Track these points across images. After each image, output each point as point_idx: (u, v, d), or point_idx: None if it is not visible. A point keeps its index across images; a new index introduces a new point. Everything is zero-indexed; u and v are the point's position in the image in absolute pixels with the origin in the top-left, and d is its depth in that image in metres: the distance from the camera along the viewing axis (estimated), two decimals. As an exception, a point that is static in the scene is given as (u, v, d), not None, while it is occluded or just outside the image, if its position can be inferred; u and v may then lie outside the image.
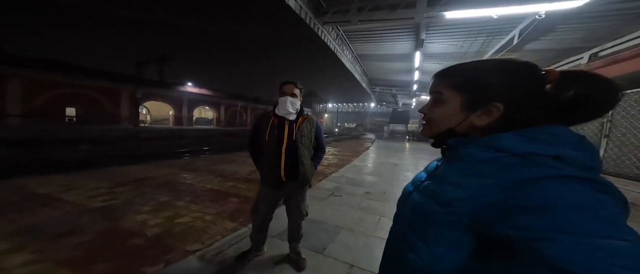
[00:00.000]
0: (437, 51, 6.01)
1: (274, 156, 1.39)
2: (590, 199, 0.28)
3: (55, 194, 2.95)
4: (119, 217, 2.34)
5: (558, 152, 0.34)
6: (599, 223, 0.26)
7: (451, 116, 0.43)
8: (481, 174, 0.36)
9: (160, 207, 2.67)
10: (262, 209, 1.53)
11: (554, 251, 0.25)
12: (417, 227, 0.42)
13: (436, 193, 0.41)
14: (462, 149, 0.41)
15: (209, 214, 2.51)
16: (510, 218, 0.30)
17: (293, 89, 1.40)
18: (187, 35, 25.74)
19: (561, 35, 4.37)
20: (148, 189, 3.32)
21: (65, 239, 1.88)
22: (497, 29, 4.50)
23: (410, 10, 3.22)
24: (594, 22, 3.73)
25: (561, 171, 0.31)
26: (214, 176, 4.32)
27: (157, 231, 2.08)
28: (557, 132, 0.36)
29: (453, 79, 0.43)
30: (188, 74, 18.96)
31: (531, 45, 4.98)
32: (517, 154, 0.35)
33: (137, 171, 4.47)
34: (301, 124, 1.43)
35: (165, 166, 5.13)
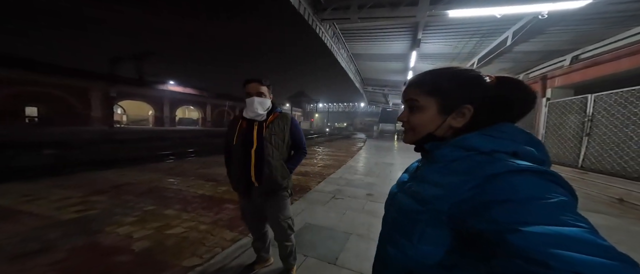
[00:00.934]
0: (432, 51, 6.16)
1: (242, 159, 1.27)
2: (545, 190, 0.32)
3: (15, 205, 2.60)
4: (97, 230, 2.08)
5: (515, 148, 0.40)
6: (555, 211, 0.29)
7: (431, 120, 0.47)
8: (454, 172, 0.41)
9: (147, 217, 2.43)
10: (248, 217, 1.45)
11: (521, 241, 0.27)
12: (403, 226, 0.46)
13: (417, 193, 0.45)
14: (436, 151, 0.46)
15: (204, 224, 2.32)
16: (481, 212, 0.33)
17: (258, 88, 1.27)
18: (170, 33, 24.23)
19: (549, 37, 4.63)
20: (129, 197, 3.04)
21: (33, 259, 1.62)
22: (492, 30, 4.68)
23: (412, 8, 3.23)
24: (581, 25, 3.99)
25: (519, 166, 0.35)
26: (204, 180, 4.07)
27: (146, 244, 1.87)
28: (510, 130, 0.42)
29: (427, 86, 0.47)
30: (171, 72, 17.90)
31: (520, 47, 5.24)
32: (484, 152, 0.40)
33: (115, 177, 4.11)
34: (271, 122, 1.31)
35: (148, 170, 4.78)
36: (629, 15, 3.55)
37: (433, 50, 6.06)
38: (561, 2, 2.48)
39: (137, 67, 15.51)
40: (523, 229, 0.28)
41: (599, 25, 3.99)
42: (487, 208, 0.33)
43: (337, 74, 10.04)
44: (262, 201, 1.35)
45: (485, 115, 0.44)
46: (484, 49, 5.68)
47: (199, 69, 16.73)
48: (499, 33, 4.80)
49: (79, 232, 2.03)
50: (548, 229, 0.27)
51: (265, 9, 6.81)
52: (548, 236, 0.27)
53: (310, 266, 1.63)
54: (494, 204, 0.33)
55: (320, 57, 8.56)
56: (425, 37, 5.13)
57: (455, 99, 0.45)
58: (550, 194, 0.31)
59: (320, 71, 14.32)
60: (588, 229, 0.28)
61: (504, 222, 0.30)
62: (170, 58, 14.15)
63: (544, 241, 0.26)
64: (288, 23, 6.91)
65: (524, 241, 0.27)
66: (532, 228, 0.28)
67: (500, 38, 4.95)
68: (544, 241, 0.26)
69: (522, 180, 0.33)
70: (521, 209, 0.30)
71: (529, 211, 0.30)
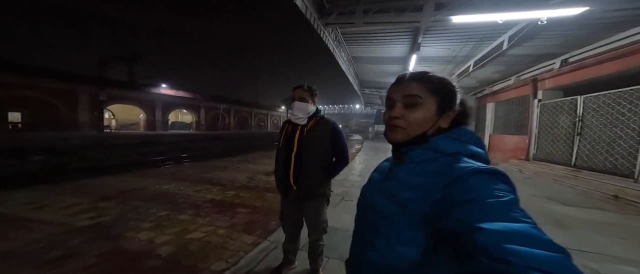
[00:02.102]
0: (430, 55, 6.38)
1: (284, 162, 1.37)
2: (499, 189, 0.36)
3: (23, 213, 2.56)
4: (118, 235, 2.10)
5: (471, 150, 0.44)
6: (508, 209, 0.33)
7: (429, 119, 0.47)
8: (425, 174, 0.44)
9: (162, 222, 2.46)
10: (286, 217, 1.52)
11: (484, 239, 0.30)
12: (380, 228, 0.47)
13: (393, 195, 0.46)
14: (410, 152, 0.48)
15: (222, 228, 2.37)
16: (450, 212, 0.36)
17: (301, 93, 1.36)
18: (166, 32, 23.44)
19: (542, 41, 4.92)
20: (139, 203, 3.04)
21: (64, 263, 1.65)
22: (488, 34, 4.93)
23: (417, 14, 3.40)
24: (570, 30, 4.27)
25: (477, 167, 0.39)
26: (210, 184, 4.08)
27: (171, 249, 1.91)
28: (468, 134, 0.47)
29: (431, 84, 0.48)
30: (163, 75, 17.57)
31: (513, 50, 5.52)
32: (450, 154, 0.44)
33: (116, 183, 4.06)
34: (311, 127, 1.35)
35: (149, 176, 4.73)
36: (612, 22, 3.86)
37: (432, 53, 6.29)
38: (560, 9, 2.69)
39: (127, 69, 15.17)
40: (485, 227, 0.31)
41: (586, 31, 4.30)
42: (454, 207, 0.36)
43: (337, 76, 10.19)
44: (300, 204, 1.43)
45: (456, 120, 0.50)
46: (480, 53, 5.95)
47: (194, 71, 16.52)
48: (495, 37, 5.07)
49: (100, 238, 2.05)
50: (505, 226, 0.30)
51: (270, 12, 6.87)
52: (505, 234, 0.29)
53: (333, 267, 1.71)
54: (460, 204, 0.35)
55: (321, 60, 8.68)
56: (425, 41, 5.34)
57: (450, 102, 0.49)
58: (503, 193, 0.36)
59: (319, 73, 14.44)
60: (533, 225, 0.31)
61: (468, 221, 0.33)
62: (164, 59, 13.93)
63: (502, 238, 0.29)
64: (292, 26, 6.98)
65: (486, 238, 0.30)
66: (492, 225, 0.31)
67: (495, 42, 5.22)
68: (502, 238, 0.29)
69: (482, 180, 0.37)
70: (482, 207, 0.34)
71: (488, 210, 0.33)
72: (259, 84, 20.39)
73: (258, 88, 22.51)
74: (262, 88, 22.51)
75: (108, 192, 3.46)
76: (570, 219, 2.78)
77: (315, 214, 1.42)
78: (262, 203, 3.16)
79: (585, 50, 5.22)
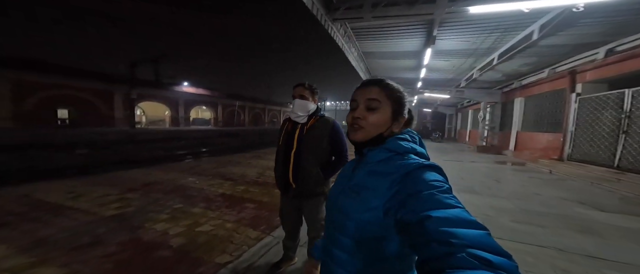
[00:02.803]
0: (447, 48, 5.96)
1: (283, 160, 1.38)
2: (439, 180, 0.42)
3: (63, 202, 2.92)
4: (137, 226, 2.31)
5: (415, 148, 0.51)
6: (446, 197, 0.38)
7: (384, 122, 0.53)
8: (381, 172, 0.48)
9: (177, 214, 2.65)
10: (284, 214, 1.54)
11: (432, 225, 0.34)
12: (346, 228, 0.51)
13: (356, 194, 0.51)
14: (368, 153, 0.54)
15: (229, 222, 2.49)
16: (404, 204, 0.41)
17: (302, 91, 1.35)
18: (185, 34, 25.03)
19: (581, 30, 4.32)
20: (159, 195, 3.30)
21: (89, 251, 1.86)
22: (515, 24, 4.44)
23: (429, 5, 3.17)
24: (617, 16, 3.71)
25: (421, 163, 0.46)
26: (222, 179, 4.29)
27: (181, 241, 2.06)
28: (412, 135, 0.55)
29: (390, 91, 0.54)
30: (184, 74, 18.68)
31: (547, 41, 4.95)
32: (400, 153, 0.50)
33: (142, 176, 4.44)
34: (311, 126, 1.34)
35: (170, 169, 5.10)
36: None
37: (449, 47, 5.89)
38: None
39: (154, 69, 16.32)
40: (432, 215, 0.35)
41: (635, 16, 3.70)
42: (407, 199, 0.41)
43: (347, 72, 10.00)
44: (299, 202, 1.45)
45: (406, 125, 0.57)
46: (505, 45, 5.43)
47: (212, 69, 17.29)
48: (522, 27, 4.58)
49: (123, 227, 2.27)
50: (445, 213, 0.35)
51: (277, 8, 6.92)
52: (446, 219, 0.34)
53: None
54: (410, 196, 0.41)
55: (330, 56, 8.58)
56: (441, 34, 5.00)
57: (401, 109, 0.54)
58: (441, 183, 0.41)
59: (329, 69, 14.29)
60: (463, 208, 0.37)
61: (419, 210, 0.37)
62: (184, 58, 14.75)
63: (444, 223, 0.34)
64: (299, 23, 6.98)
65: (433, 224, 0.34)
66: (437, 212, 0.35)
67: (524, 32, 4.72)
68: (444, 224, 0.33)
69: (424, 173, 0.43)
70: (427, 198, 0.39)
71: (432, 200, 0.38)
72: (271, 81, 20.77)
73: (271, 85, 22.96)
74: (274, 85, 22.92)
75: (135, 184, 3.81)
76: (603, 226, 2.50)
77: (314, 212, 1.43)
78: (269, 199, 3.26)
79: (637, 38, 4.54)
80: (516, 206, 3.08)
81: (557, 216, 2.79)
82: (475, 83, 9.23)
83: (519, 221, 2.59)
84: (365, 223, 0.47)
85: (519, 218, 2.68)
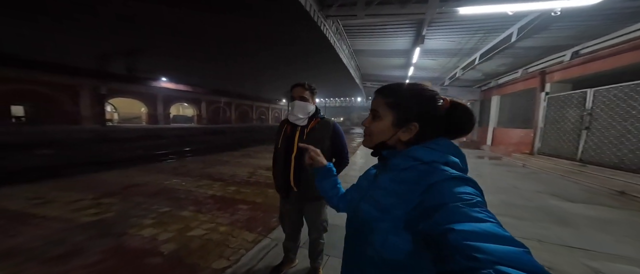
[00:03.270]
0: (435, 47, 6.19)
1: (284, 164, 1.34)
2: (467, 193, 0.40)
3: (30, 209, 2.62)
4: (120, 232, 2.14)
5: (446, 159, 0.48)
6: (475, 210, 0.36)
7: (385, 131, 0.53)
8: (405, 181, 0.47)
9: (164, 219, 2.49)
10: (285, 218, 1.51)
11: (456, 239, 0.33)
12: (366, 234, 0.51)
13: (376, 201, 0.50)
14: (391, 160, 0.53)
15: (223, 225, 2.40)
16: (427, 216, 0.39)
17: (302, 92, 1.31)
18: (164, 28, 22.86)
19: (553, 33, 4.72)
20: (141, 199, 3.08)
21: (68, 260, 1.69)
22: (497, 26, 4.74)
23: (422, 5, 3.25)
24: (584, 21, 4.08)
25: (450, 175, 0.44)
26: (211, 180, 4.12)
27: (173, 247, 1.94)
28: (444, 143, 0.51)
29: (388, 97, 0.54)
30: (164, 69, 17.42)
31: (523, 42, 5.33)
32: (426, 162, 0.48)
33: (120, 178, 4.12)
34: (312, 128, 1.32)
35: (152, 170, 4.78)
36: (631, 12, 3.67)
37: (436, 46, 6.11)
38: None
39: (128, 62, 15.10)
40: (456, 228, 0.34)
41: (600, 22, 4.10)
42: (431, 211, 0.39)
43: (338, 69, 10.01)
44: (300, 205, 1.43)
45: (430, 130, 0.52)
46: (487, 45, 5.76)
47: (195, 65, 16.40)
48: (503, 29, 4.87)
49: (103, 235, 2.08)
50: (472, 227, 0.33)
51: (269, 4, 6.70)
52: (473, 233, 0.33)
53: (335, 265, 1.71)
54: (435, 208, 0.39)
55: (322, 53, 8.51)
56: (430, 33, 5.17)
57: (408, 116, 0.52)
58: (471, 196, 0.39)
59: (320, 66, 14.19)
60: (496, 223, 0.35)
61: (443, 223, 0.36)
62: (164, 53, 13.81)
63: (470, 237, 0.32)
64: (292, 19, 6.82)
65: (458, 238, 0.33)
66: (461, 226, 0.34)
67: (504, 34, 5.02)
68: (470, 237, 0.32)
69: (453, 186, 0.41)
70: (453, 211, 0.37)
71: (459, 213, 0.36)
72: (260, 77, 20.20)
73: (259, 81, 22.31)
74: (263, 81, 22.31)
75: (112, 188, 3.52)
76: (574, 217, 2.76)
77: (316, 214, 1.43)
78: (263, 199, 3.18)
79: (599, 42, 5.02)
80: (500, 200, 3.28)
81: (535, 208, 3.03)
82: (458, 81, 9.72)
83: (504, 215, 2.77)
84: (387, 232, 0.46)
85: (503, 211, 2.87)
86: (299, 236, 1.60)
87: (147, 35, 10.96)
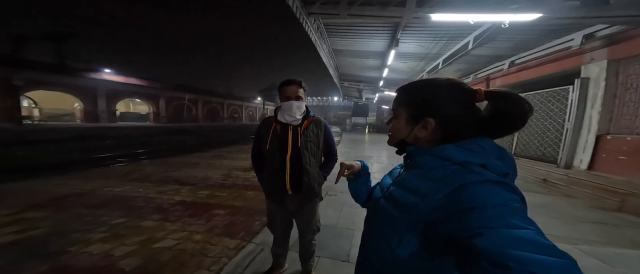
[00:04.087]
0: (406, 51, 6.69)
1: (277, 167, 1.25)
2: (503, 198, 0.37)
3: None
4: (58, 251, 1.70)
5: (484, 161, 0.42)
6: (511, 216, 0.34)
7: (402, 128, 0.53)
8: (432, 180, 0.44)
9: (119, 231, 2.09)
10: (277, 224, 1.41)
11: (485, 244, 0.31)
12: (383, 232, 0.49)
13: (397, 200, 0.48)
14: (417, 158, 0.50)
15: (198, 233, 2.12)
16: (452, 219, 0.37)
17: (297, 91, 1.22)
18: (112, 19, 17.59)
19: (498, 44, 5.56)
20: (82, 210, 2.54)
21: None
22: (457, 34, 5.36)
23: (400, 9, 3.46)
24: (520, 35, 4.90)
25: (484, 177, 0.39)
26: (178, 184, 3.64)
27: (136, 262, 1.62)
28: (484, 144, 0.44)
29: (402, 96, 0.54)
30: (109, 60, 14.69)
31: (476, 51, 6.14)
32: (458, 163, 0.43)
33: (47, 187, 3.34)
34: (306, 128, 1.27)
35: (95, 177, 4.01)
36: (553, 29, 4.55)
37: (408, 49, 6.59)
38: (520, 13, 3.05)
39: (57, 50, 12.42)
40: (486, 234, 0.31)
41: (531, 36, 4.99)
42: (456, 214, 0.37)
43: (317, 68, 10.01)
44: (296, 207, 1.33)
45: (459, 127, 0.47)
46: (449, 51, 6.45)
47: (153, 59, 14.46)
48: (462, 37, 5.53)
49: (33, 256, 1.62)
50: (506, 232, 0.31)
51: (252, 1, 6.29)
52: (506, 239, 0.30)
53: (326, 266, 1.67)
54: (463, 211, 0.36)
55: (302, 51, 8.41)
56: (403, 37, 5.55)
57: (419, 111, 0.49)
58: (507, 202, 0.36)
59: (301, 65, 14.01)
60: (535, 231, 0.32)
61: (470, 227, 0.33)
62: (112, 44, 11.75)
63: (503, 243, 0.30)
64: (273, 15, 6.55)
65: (487, 243, 0.31)
66: (493, 231, 0.31)
67: (462, 42, 5.70)
68: (503, 244, 0.30)
69: (485, 189, 0.38)
70: (484, 214, 0.34)
71: (490, 217, 0.34)
72: (233, 74, 18.90)
73: (232, 79, 20.87)
74: (237, 79, 20.96)
75: (38, 199, 2.81)
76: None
77: (310, 215, 1.36)
78: (242, 202, 2.93)
79: (530, 54, 6.08)
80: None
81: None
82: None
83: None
84: (404, 232, 0.44)
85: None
86: (289, 240, 1.51)
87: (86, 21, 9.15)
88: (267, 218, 1.43)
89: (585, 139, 4.21)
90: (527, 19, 3.15)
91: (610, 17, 3.03)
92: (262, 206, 2.70)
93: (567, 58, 4.82)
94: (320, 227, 1.44)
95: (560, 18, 3.16)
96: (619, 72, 3.88)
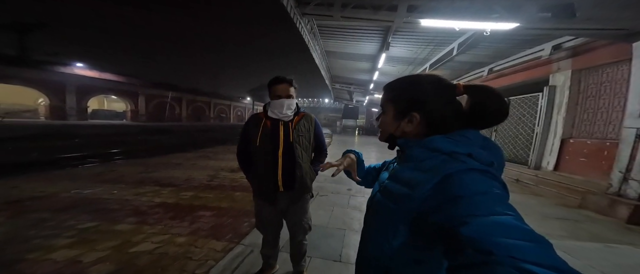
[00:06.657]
0: (396, 55, 6.90)
1: (269, 163, 1.22)
2: (486, 185, 0.38)
3: None
4: (15, 259, 1.50)
5: (470, 150, 0.44)
6: (493, 203, 0.36)
7: (390, 123, 0.55)
8: (423, 171, 0.45)
9: (89, 236, 1.89)
10: (267, 224, 1.36)
11: (470, 232, 0.32)
12: (379, 224, 0.52)
13: (391, 192, 0.50)
14: (409, 150, 0.52)
15: (181, 236, 1.98)
16: (440, 208, 0.39)
17: (288, 90, 1.21)
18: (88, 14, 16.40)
19: (479, 51, 5.92)
20: (45, 215, 2.29)
21: None
22: (443, 40, 5.62)
23: (391, 13, 3.55)
24: (499, 43, 5.26)
25: (468, 165, 0.41)
26: (157, 186, 3.41)
27: (110, 267, 1.47)
28: (469, 135, 0.47)
29: (388, 93, 0.56)
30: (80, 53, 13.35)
31: (459, 57, 6.49)
32: (445, 153, 0.45)
33: (2, 190, 2.98)
34: (298, 123, 1.27)
35: (60, 178, 3.65)
36: (526, 40, 4.93)
37: (398, 53, 6.80)
38: (500, 22, 3.27)
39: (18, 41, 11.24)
40: (470, 221, 0.33)
41: (508, 45, 5.37)
42: (444, 203, 0.38)
43: (310, 69, 9.90)
44: (287, 205, 1.29)
45: (443, 120, 0.48)
46: (435, 57, 6.75)
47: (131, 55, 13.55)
48: (448, 43, 5.81)
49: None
50: (488, 220, 0.32)
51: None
52: (488, 226, 0.32)
53: (318, 266, 1.63)
54: (449, 200, 0.38)
55: (295, 52, 8.29)
56: (394, 41, 5.72)
57: (404, 106, 0.51)
58: (490, 189, 0.38)
59: (292, 65, 13.75)
60: (515, 216, 0.33)
61: (456, 216, 0.35)
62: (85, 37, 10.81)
63: (486, 231, 0.31)
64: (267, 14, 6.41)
65: (471, 231, 0.32)
66: (476, 219, 0.33)
67: (448, 48, 5.99)
68: (485, 231, 0.31)
69: (470, 178, 0.39)
70: (469, 203, 0.36)
71: (474, 205, 0.35)
72: (221, 73, 18.18)
73: (219, 77, 20.04)
74: (225, 78, 20.16)
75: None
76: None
77: (301, 213, 1.33)
78: (229, 204, 2.80)
79: (506, 62, 6.53)
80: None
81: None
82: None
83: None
84: (398, 223, 0.46)
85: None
86: (279, 240, 1.46)
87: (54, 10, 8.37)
88: (256, 218, 1.37)
89: (552, 142, 4.53)
90: (506, 28, 3.37)
91: (575, 29, 3.32)
92: (250, 207, 2.59)
93: (538, 67, 5.23)
94: (311, 226, 1.40)
95: (534, 28, 3.42)
96: (581, 81, 4.26)
